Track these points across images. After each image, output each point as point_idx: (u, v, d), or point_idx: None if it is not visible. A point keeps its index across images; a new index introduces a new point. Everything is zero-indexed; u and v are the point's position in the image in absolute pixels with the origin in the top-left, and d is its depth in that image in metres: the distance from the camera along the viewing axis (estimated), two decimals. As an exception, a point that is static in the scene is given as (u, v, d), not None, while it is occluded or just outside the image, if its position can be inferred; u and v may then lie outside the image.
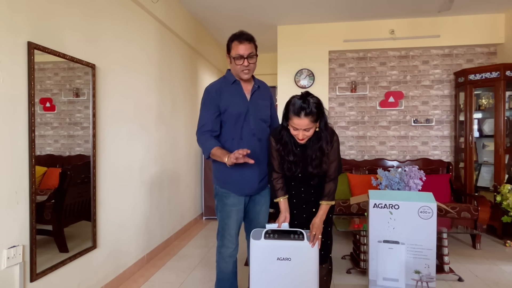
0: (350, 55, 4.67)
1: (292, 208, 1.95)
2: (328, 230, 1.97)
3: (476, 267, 2.94)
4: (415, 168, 2.73)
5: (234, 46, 1.86)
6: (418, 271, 2.24)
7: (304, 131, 1.70)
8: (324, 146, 1.78)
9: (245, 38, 1.84)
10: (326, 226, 1.93)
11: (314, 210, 1.92)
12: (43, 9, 1.89)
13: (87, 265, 2.26)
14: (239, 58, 1.84)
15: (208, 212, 4.75)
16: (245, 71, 1.87)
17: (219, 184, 1.98)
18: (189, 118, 4.29)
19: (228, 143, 1.91)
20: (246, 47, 1.83)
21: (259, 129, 1.95)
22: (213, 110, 1.91)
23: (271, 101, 2.09)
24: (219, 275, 2.00)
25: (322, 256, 1.92)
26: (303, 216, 1.95)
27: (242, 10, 4.07)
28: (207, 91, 1.96)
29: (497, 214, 3.57)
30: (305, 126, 1.68)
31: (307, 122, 1.67)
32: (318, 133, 1.77)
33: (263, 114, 1.98)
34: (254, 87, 1.97)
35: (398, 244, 2.25)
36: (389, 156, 4.55)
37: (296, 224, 1.94)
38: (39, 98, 1.85)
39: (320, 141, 1.77)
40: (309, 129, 1.70)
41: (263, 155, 1.95)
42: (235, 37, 1.87)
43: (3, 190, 1.65)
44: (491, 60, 4.37)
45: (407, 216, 2.23)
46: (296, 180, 1.93)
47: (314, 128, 1.73)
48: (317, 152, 1.78)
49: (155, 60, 3.31)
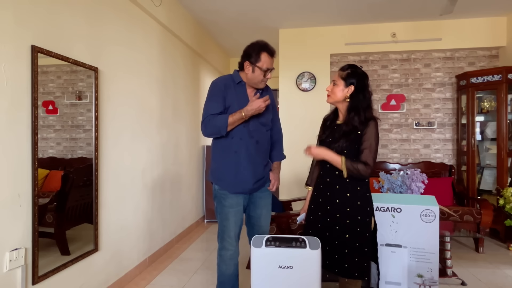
0: (351, 58, 4.67)
1: (318, 211, 1.82)
2: (356, 246, 1.70)
3: (479, 271, 2.92)
4: (417, 171, 2.72)
5: (264, 58, 1.88)
6: (420, 274, 2.22)
7: (333, 83, 1.80)
8: (356, 119, 1.69)
9: (273, 53, 1.92)
10: (354, 239, 1.70)
11: (338, 215, 1.73)
12: (47, 13, 1.91)
13: (88, 268, 2.26)
14: (267, 71, 1.91)
15: (209, 215, 4.74)
16: (265, 81, 1.96)
17: (214, 180, 2.00)
18: (191, 121, 4.30)
19: (227, 141, 1.93)
20: (272, 61, 1.93)
21: (258, 132, 1.97)
22: (220, 103, 1.92)
23: (273, 105, 2.11)
24: (220, 277, 2.00)
25: (346, 270, 1.71)
26: (327, 220, 1.76)
27: (244, 13, 4.09)
28: (214, 84, 1.97)
29: (500, 218, 3.55)
30: (334, 78, 1.80)
31: (337, 75, 1.79)
32: (351, 106, 1.73)
33: (264, 117, 1.99)
34: (258, 90, 2.00)
35: (401, 247, 2.24)
36: (391, 159, 4.54)
37: (319, 227, 1.79)
38: (42, 101, 1.86)
39: (352, 113, 1.73)
40: (335, 83, 1.78)
41: (259, 158, 1.97)
42: (264, 49, 1.89)
43: (6, 193, 1.65)
44: (493, 63, 4.37)
45: (409, 219, 2.22)
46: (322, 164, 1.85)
47: (340, 88, 1.75)
48: (345, 125, 1.75)
49: (157, 63, 3.32)
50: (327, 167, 1.79)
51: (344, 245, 1.72)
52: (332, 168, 1.76)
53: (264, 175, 2.01)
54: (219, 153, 1.99)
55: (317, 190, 1.87)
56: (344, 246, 1.72)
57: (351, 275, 1.73)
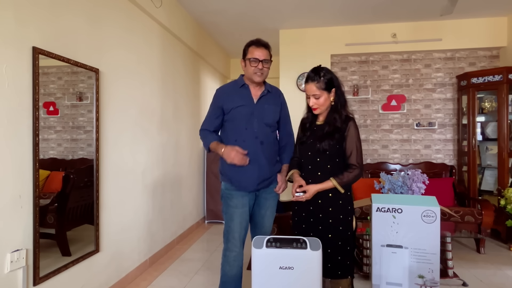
0: (352, 58, 4.67)
1: (302, 211, 1.86)
2: (339, 244, 1.79)
3: (481, 272, 2.91)
4: (418, 172, 2.72)
5: (251, 50, 1.94)
6: (421, 275, 2.22)
7: (314, 98, 1.77)
8: (338, 118, 1.77)
9: (262, 44, 1.94)
10: (337, 237, 1.78)
11: (320, 215, 1.79)
12: (48, 14, 1.91)
13: (89, 269, 2.26)
14: (254, 60, 1.90)
15: (210, 215, 4.74)
16: (258, 73, 1.93)
17: (221, 178, 2.06)
18: (192, 122, 4.30)
19: (231, 144, 1.95)
20: (262, 52, 1.92)
21: (263, 132, 1.98)
22: (215, 112, 2.03)
23: (282, 107, 2.12)
24: (223, 277, 2.01)
25: (329, 270, 1.78)
26: (310, 221, 1.82)
27: (244, 14, 4.09)
28: (215, 93, 2.08)
29: (501, 218, 3.55)
30: (313, 92, 1.76)
31: (314, 88, 1.75)
32: (333, 106, 1.80)
33: (268, 118, 2.00)
34: (263, 92, 2.01)
35: (402, 248, 2.23)
36: (392, 160, 4.54)
37: (304, 228, 1.84)
38: (42, 102, 1.86)
39: (334, 113, 1.79)
40: (318, 96, 1.76)
41: (264, 158, 1.97)
42: (252, 43, 1.96)
43: (7, 194, 1.66)
44: (493, 64, 4.36)
45: (410, 220, 2.22)
46: (304, 157, 1.85)
47: (324, 97, 1.77)
48: (327, 125, 1.78)
49: (158, 64, 3.33)
50: (309, 168, 1.83)
51: (327, 245, 1.77)
52: (314, 169, 1.81)
53: (271, 175, 2.01)
54: None
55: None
56: (327, 246, 1.77)
57: (335, 274, 1.79)
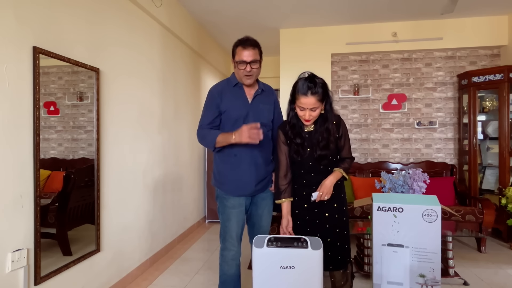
0: (352, 57, 4.67)
1: (303, 214, 1.87)
2: (345, 234, 1.87)
3: (482, 271, 2.91)
4: (419, 171, 2.71)
5: (238, 52, 1.87)
6: (422, 274, 2.22)
7: (311, 111, 1.72)
8: (331, 127, 1.79)
9: (250, 44, 1.85)
10: (342, 229, 1.86)
11: (327, 214, 1.83)
12: (48, 14, 1.91)
13: (90, 269, 2.26)
14: (242, 63, 1.85)
15: (211, 215, 4.74)
16: (247, 76, 1.88)
17: (216, 184, 2.01)
18: (192, 122, 4.30)
19: (227, 145, 1.92)
20: (249, 53, 1.84)
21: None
22: (213, 111, 1.96)
23: (275, 105, 2.10)
24: (222, 277, 2.01)
25: (340, 261, 1.85)
26: (316, 222, 1.84)
27: (244, 14, 4.09)
28: (210, 92, 2.00)
29: (502, 217, 3.54)
30: (312, 105, 1.70)
31: (314, 101, 1.70)
32: (324, 115, 1.79)
33: (264, 118, 1.98)
34: (257, 91, 1.98)
35: (403, 247, 2.23)
36: (393, 159, 4.53)
37: (309, 231, 1.84)
38: (43, 101, 1.87)
39: (327, 123, 1.79)
40: (315, 109, 1.72)
41: (261, 158, 1.96)
42: (240, 43, 1.88)
43: (8, 194, 1.66)
44: (494, 62, 4.35)
45: (411, 219, 2.21)
46: (305, 167, 1.85)
47: (320, 108, 1.75)
48: (324, 133, 1.79)
49: (159, 64, 3.33)
50: (312, 175, 1.84)
51: (336, 239, 1.83)
52: (319, 176, 1.82)
53: (266, 175, 2.01)
54: (219, 157, 1.99)
55: (300, 196, 1.88)
56: (336, 240, 1.83)
57: (344, 263, 1.87)
